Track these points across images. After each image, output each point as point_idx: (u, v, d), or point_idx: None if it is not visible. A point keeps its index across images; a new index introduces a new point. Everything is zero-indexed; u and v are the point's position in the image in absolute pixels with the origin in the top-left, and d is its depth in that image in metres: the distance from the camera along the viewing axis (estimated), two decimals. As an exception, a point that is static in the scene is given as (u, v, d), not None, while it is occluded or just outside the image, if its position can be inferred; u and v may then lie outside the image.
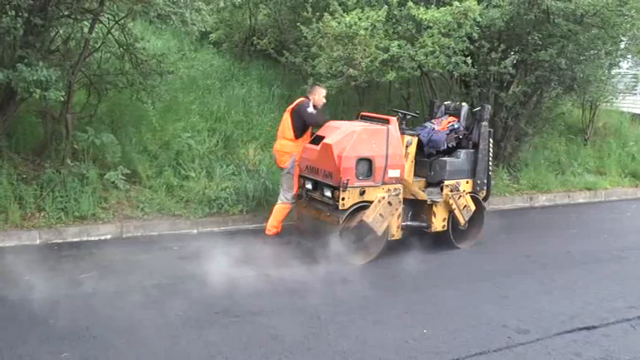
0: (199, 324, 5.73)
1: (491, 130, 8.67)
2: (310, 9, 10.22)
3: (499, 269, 7.86)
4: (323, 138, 7.69)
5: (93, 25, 8.53)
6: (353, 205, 7.47)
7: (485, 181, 8.60)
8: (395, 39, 9.79)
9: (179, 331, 5.57)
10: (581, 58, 10.93)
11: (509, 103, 11.13)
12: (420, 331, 5.80)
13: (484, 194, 8.68)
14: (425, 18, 9.44)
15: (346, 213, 7.43)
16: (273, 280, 6.90)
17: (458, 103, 9.11)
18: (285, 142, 8.29)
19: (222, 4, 11.71)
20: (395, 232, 7.88)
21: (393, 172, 7.65)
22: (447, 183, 8.21)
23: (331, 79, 9.84)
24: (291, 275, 7.08)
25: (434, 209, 8.17)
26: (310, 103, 8.39)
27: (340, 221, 7.40)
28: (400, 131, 7.84)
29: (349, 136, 7.46)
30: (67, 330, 5.48)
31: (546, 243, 9.19)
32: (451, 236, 8.38)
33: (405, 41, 9.74)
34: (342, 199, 7.38)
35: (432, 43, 9.54)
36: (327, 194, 7.57)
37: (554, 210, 11.61)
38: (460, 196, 8.26)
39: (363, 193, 7.51)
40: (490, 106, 8.92)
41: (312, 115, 8.29)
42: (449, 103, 9.15)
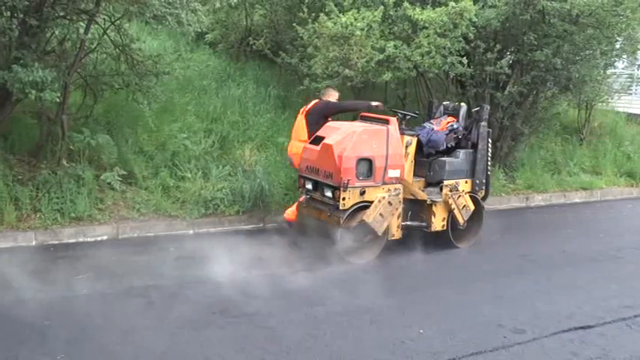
0: (196, 325, 5.73)
1: (490, 130, 8.69)
2: (306, 9, 10.22)
3: (495, 269, 7.87)
4: (323, 138, 7.70)
5: (89, 26, 8.51)
6: (353, 205, 7.49)
7: (484, 181, 8.62)
8: (391, 39, 9.79)
9: (176, 332, 5.57)
10: (577, 58, 10.94)
11: (505, 103, 11.14)
12: (417, 332, 5.81)
13: (483, 194, 8.71)
14: (421, 18, 9.45)
15: (347, 213, 7.44)
16: (270, 281, 6.88)
17: (457, 103, 9.14)
18: (300, 144, 8.31)
19: (218, 4, 11.76)
20: (395, 232, 7.90)
21: (393, 172, 7.67)
22: (446, 183, 8.23)
23: (327, 79, 9.84)
24: (289, 276, 7.08)
25: (433, 209, 8.20)
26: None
27: (341, 221, 7.41)
28: (400, 131, 7.86)
29: (350, 137, 7.48)
30: (63, 331, 5.47)
31: (542, 243, 9.21)
32: (450, 236, 8.40)
33: (401, 42, 9.75)
34: (343, 199, 7.39)
35: (428, 43, 9.55)
36: (328, 194, 7.59)
37: (550, 210, 11.62)
38: (459, 196, 8.29)
39: (363, 193, 7.52)
40: (488, 106, 8.93)
41: (342, 102, 8.69)
42: (448, 103, 9.18)
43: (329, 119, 8.40)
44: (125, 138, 9.35)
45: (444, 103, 9.21)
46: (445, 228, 8.35)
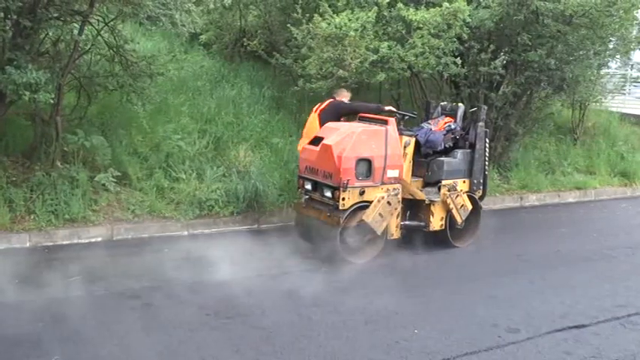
0: (190, 326, 5.73)
1: (487, 131, 8.76)
2: (300, 10, 10.23)
3: (489, 269, 7.89)
4: (322, 139, 7.73)
5: (82, 27, 8.50)
6: (353, 205, 7.52)
7: (482, 181, 8.69)
8: (385, 40, 9.81)
9: (170, 333, 5.57)
10: (571, 58, 10.97)
11: (499, 103, 11.16)
12: (411, 332, 5.82)
13: (480, 193, 8.77)
14: (415, 19, 9.47)
15: (346, 213, 7.47)
16: (264, 282, 6.90)
17: (454, 103, 9.20)
18: None
19: (212, 5, 11.75)
20: (394, 232, 7.93)
21: (391, 172, 7.71)
22: (444, 183, 8.28)
23: (321, 80, 9.85)
24: (283, 276, 7.09)
25: (432, 209, 8.24)
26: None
27: (341, 221, 7.44)
28: (398, 132, 7.90)
29: (349, 137, 7.52)
30: (57, 333, 5.47)
31: (536, 242, 9.23)
32: (449, 235, 8.44)
33: (395, 42, 9.77)
34: (343, 199, 7.42)
35: (422, 44, 9.56)
36: (327, 194, 7.61)
37: (544, 209, 11.64)
38: (457, 196, 8.33)
39: (362, 193, 7.55)
40: (486, 107, 8.98)
41: (354, 103, 8.80)
42: (445, 103, 9.24)
43: (341, 119, 8.47)
44: (119, 139, 9.34)
45: (441, 103, 9.26)
46: (443, 227, 8.39)
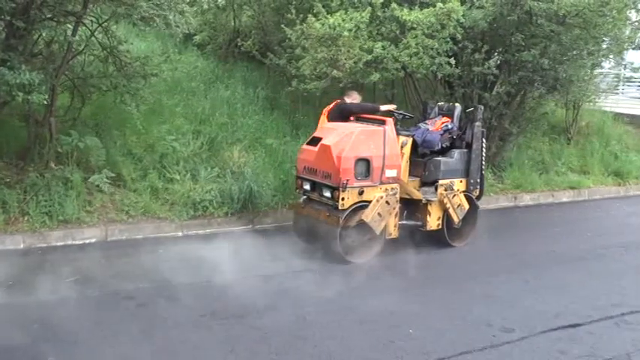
0: (186, 327, 5.72)
1: (484, 130, 8.79)
2: (294, 11, 10.23)
3: (484, 268, 7.90)
4: (320, 139, 7.74)
5: (76, 28, 8.47)
6: (352, 205, 7.55)
7: (479, 180, 8.72)
8: (379, 40, 9.82)
9: (165, 334, 5.56)
10: (564, 58, 10.99)
11: (492, 103, 11.18)
12: (406, 331, 5.83)
13: (477, 193, 8.80)
14: (408, 19, 9.48)
15: (346, 213, 7.50)
16: (259, 282, 6.89)
17: (451, 104, 9.23)
18: None
19: (206, 6, 11.73)
20: (392, 231, 7.97)
21: (390, 172, 7.75)
22: (441, 182, 8.32)
23: (315, 80, 9.86)
24: (278, 276, 7.09)
25: (429, 208, 8.29)
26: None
27: (340, 221, 7.46)
28: (395, 132, 7.93)
29: (348, 137, 7.56)
30: (51, 334, 5.45)
31: (531, 242, 9.26)
32: (446, 235, 8.48)
33: (389, 42, 9.78)
34: (342, 199, 7.45)
35: (416, 44, 9.57)
36: (327, 195, 7.64)
37: (538, 209, 11.67)
38: (454, 195, 8.37)
39: (361, 193, 7.59)
40: (482, 107, 9.01)
41: (360, 104, 8.83)
42: (442, 104, 9.28)
43: (350, 119, 8.51)
44: (113, 140, 9.32)
45: (438, 103, 9.30)
46: (440, 227, 8.43)
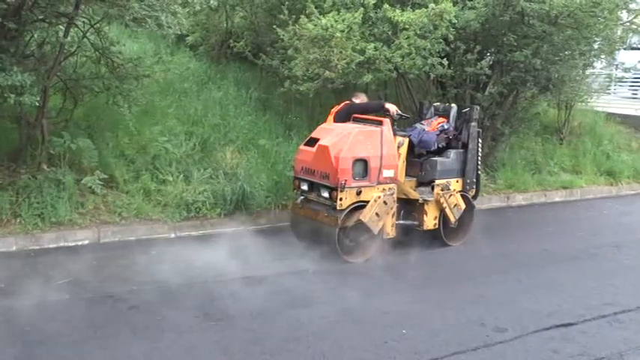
0: (179, 329, 5.71)
1: (480, 131, 8.85)
2: (286, 11, 10.22)
3: (477, 268, 7.92)
4: (317, 140, 7.77)
5: (68, 29, 8.44)
6: (350, 205, 7.57)
7: (475, 180, 8.78)
8: (371, 41, 9.81)
9: (158, 336, 5.55)
10: (556, 58, 11.02)
11: (485, 103, 11.20)
12: (400, 332, 5.83)
13: (473, 193, 8.85)
14: (401, 20, 9.48)
15: (344, 213, 7.53)
16: (252, 283, 6.88)
17: (447, 104, 9.28)
18: None
19: (199, 7, 11.68)
20: (390, 231, 7.99)
21: (387, 172, 7.79)
22: (437, 182, 8.36)
23: (308, 81, 9.85)
24: (271, 278, 7.08)
25: (425, 208, 8.33)
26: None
27: (339, 221, 7.49)
28: (392, 132, 7.96)
29: (345, 138, 7.59)
30: (44, 336, 5.44)
31: (524, 242, 9.28)
32: (442, 234, 8.52)
33: (382, 43, 9.77)
34: (340, 199, 7.48)
35: (408, 44, 9.57)
36: (325, 195, 7.66)
37: (530, 209, 11.71)
38: (451, 195, 8.40)
39: (359, 193, 7.62)
40: (479, 107, 9.05)
41: (364, 103, 8.89)
42: (438, 104, 9.34)
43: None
44: (106, 142, 9.29)
45: (434, 104, 9.34)
46: (437, 226, 8.47)
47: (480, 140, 8.79)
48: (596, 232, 10.19)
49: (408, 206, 8.40)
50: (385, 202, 7.74)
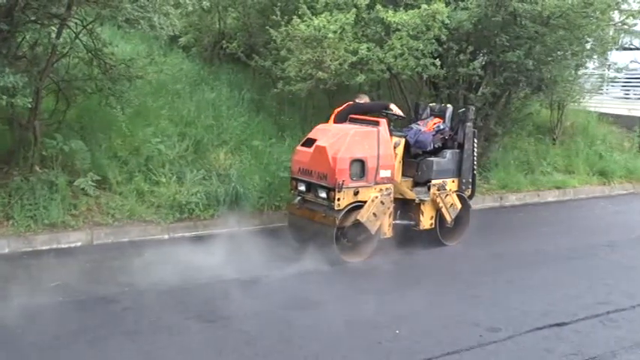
0: (171, 330, 5.70)
1: (476, 131, 8.90)
2: (279, 12, 10.21)
3: (470, 269, 7.93)
4: (314, 141, 7.78)
5: (60, 31, 8.41)
6: (348, 206, 7.60)
7: (471, 180, 8.83)
8: (364, 42, 9.83)
9: (151, 338, 5.54)
10: (549, 59, 11.03)
11: (478, 104, 11.19)
12: (393, 332, 5.83)
13: (469, 192, 8.89)
14: (393, 21, 9.49)
15: (342, 213, 7.55)
16: (245, 285, 6.88)
17: (443, 104, 9.33)
18: None
19: (191, 8, 11.63)
20: (386, 231, 8.03)
21: (384, 172, 7.83)
22: (434, 182, 8.42)
23: (300, 82, 9.85)
24: (264, 279, 7.08)
25: (422, 208, 8.38)
26: None
27: (337, 221, 7.51)
28: (389, 132, 8.00)
29: (342, 138, 7.63)
30: (36, 339, 5.42)
31: (517, 242, 9.31)
32: (438, 234, 8.56)
33: (374, 44, 9.79)
34: (338, 199, 7.50)
35: (401, 45, 9.59)
36: (322, 195, 7.68)
37: (524, 209, 11.73)
38: (447, 195, 8.46)
39: (357, 193, 7.65)
40: (474, 108, 9.10)
41: (366, 103, 8.92)
42: (434, 105, 9.38)
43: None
44: (99, 143, 9.26)
45: (430, 104, 9.39)
46: (433, 226, 8.50)
47: (476, 140, 8.83)
48: (590, 231, 10.23)
49: (404, 206, 8.43)
50: (382, 202, 7.77)
